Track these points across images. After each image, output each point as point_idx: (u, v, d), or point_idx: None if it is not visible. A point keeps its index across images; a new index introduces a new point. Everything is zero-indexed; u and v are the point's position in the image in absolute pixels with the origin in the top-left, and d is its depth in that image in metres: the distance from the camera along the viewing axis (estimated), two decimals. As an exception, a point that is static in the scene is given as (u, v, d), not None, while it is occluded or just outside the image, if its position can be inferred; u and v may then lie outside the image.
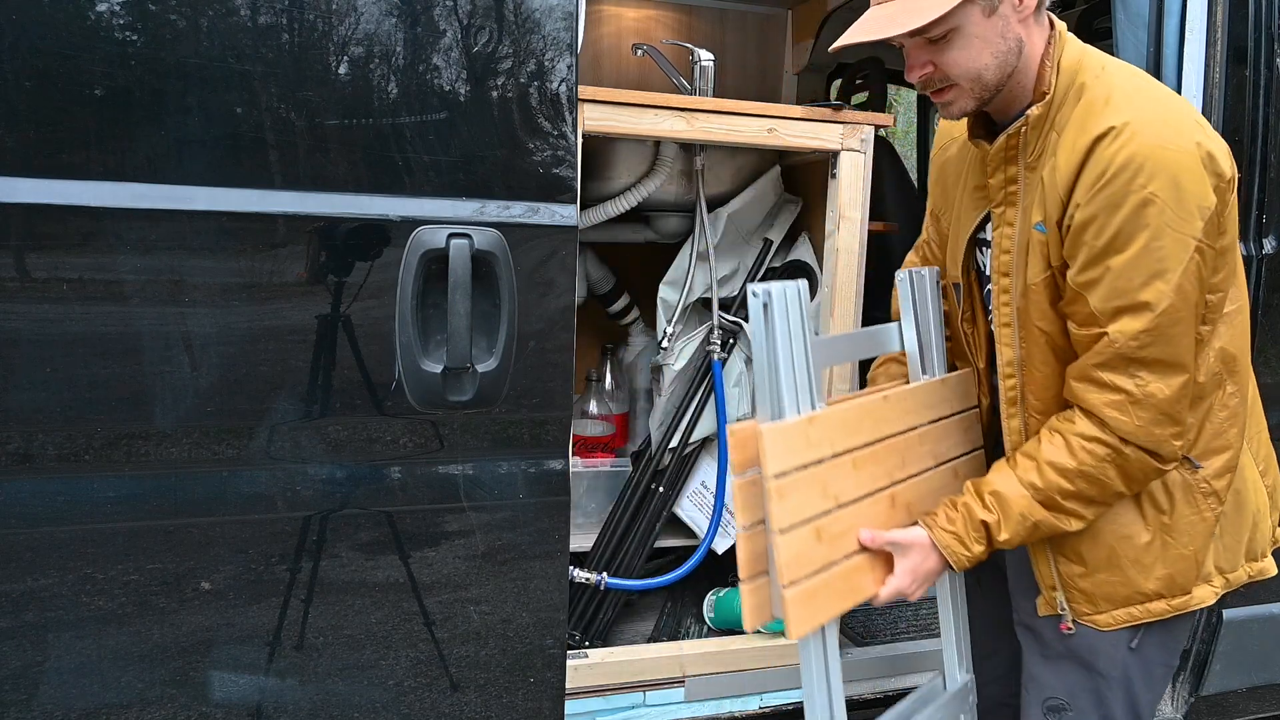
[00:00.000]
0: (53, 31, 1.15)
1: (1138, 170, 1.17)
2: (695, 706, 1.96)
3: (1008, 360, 1.38)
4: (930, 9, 1.19)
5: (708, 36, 3.11)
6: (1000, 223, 1.35)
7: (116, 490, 1.25)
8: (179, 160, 1.20)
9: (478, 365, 1.33)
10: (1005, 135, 1.30)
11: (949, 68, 1.26)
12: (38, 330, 1.18)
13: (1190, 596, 1.35)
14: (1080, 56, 1.28)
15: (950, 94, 1.29)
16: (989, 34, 1.24)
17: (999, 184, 1.34)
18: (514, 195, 1.33)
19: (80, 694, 1.26)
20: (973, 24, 1.23)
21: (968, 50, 1.24)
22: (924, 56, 1.26)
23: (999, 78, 1.27)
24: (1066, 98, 1.26)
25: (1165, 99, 1.26)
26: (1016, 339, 1.36)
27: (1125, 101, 1.22)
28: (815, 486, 1.24)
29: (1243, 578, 1.40)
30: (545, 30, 1.33)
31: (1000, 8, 1.23)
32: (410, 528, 1.38)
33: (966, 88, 1.27)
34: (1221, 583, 1.38)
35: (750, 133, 1.82)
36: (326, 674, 1.36)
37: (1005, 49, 1.25)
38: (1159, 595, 1.34)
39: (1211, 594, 1.36)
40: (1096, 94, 1.24)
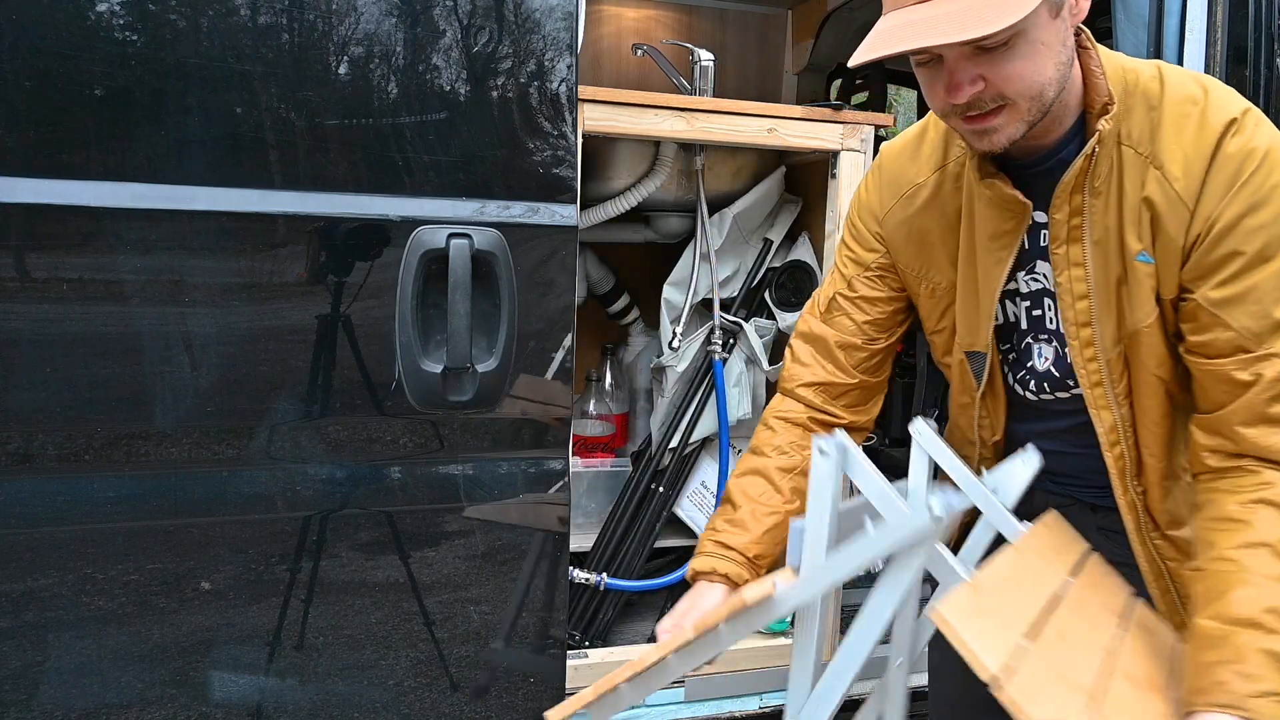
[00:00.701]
0: (53, 31, 1.15)
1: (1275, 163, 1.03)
2: (695, 706, 1.95)
3: (1109, 427, 1.17)
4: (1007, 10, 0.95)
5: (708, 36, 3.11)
6: (1065, 265, 1.14)
7: (116, 490, 1.25)
8: (179, 160, 1.20)
9: (478, 365, 1.33)
10: (1082, 158, 1.08)
11: (1007, 84, 1.01)
12: (38, 330, 1.18)
13: None
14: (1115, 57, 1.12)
15: (999, 118, 1.04)
16: (1052, 39, 1.01)
17: (1063, 219, 1.12)
18: (514, 195, 1.33)
19: (80, 694, 1.26)
20: (1039, 27, 0.99)
21: (1033, 60, 1.00)
22: (974, 70, 1.01)
23: (1058, 93, 1.05)
24: (1131, 105, 1.08)
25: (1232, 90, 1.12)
26: (1113, 399, 1.16)
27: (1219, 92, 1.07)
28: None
29: None
30: (545, 30, 1.33)
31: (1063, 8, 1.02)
32: (410, 528, 1.38)
33: (1024, 107, 1.03)
34: None
35: (750, 133, 1.82)
36: (326, 674, 1.36)
37: (1066, 59, 1.04)
38: None
39: None
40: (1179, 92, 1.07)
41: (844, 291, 1.34)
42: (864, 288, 1.33)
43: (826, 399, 1.35)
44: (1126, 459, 1.18)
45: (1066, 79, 1.06)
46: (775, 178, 2.12)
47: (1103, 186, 1.10)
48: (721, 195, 2.10)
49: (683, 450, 2.12)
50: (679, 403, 2.11)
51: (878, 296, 1.33)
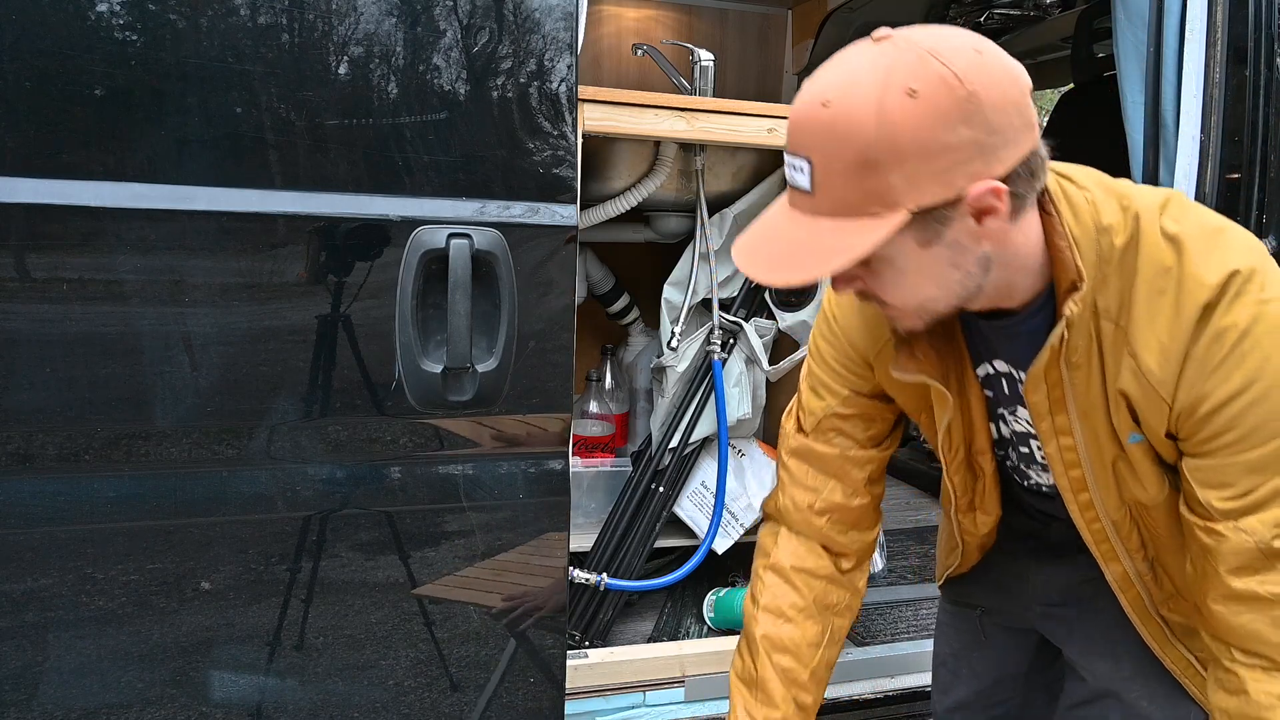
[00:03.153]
0: (53, 31, 1.15)
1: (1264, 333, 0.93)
2: (695, 706, 1.96)
3: (1118, 575, 1.15)
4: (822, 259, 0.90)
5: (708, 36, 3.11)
6: (1053, 433, 1.09)
7: (116, 490, 1.25)
8: (179, 160, 1.20)
9: (478, 365, 1.33)
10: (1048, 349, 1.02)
11: (880, 294, 0.99)
12: (38, 330, 1.18)
13: None
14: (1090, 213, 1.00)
15: (892, 314, 1.03)
16: (930, 266, 0.94)
17: (1042, 397, 1.07)
18: (514, 195, 1.33)
19: (80, 694, 1.26)
20: (904, 257, 0.93)
21: (901, 284, 0.97)
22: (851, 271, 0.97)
23: (956, 303, 1.00)
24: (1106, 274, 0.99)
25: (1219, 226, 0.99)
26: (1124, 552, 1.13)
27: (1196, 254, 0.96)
28: None
29: None
30: (545, 30, 1.33)
31: (947, 234, 0.92)
32: (410, 528, 1.38)
33: (910, 314, 1.01)
34: None
35: (750, 133, 1.82)
36: (326, 674, 1.36)
37: (960, 276, 0.96)
38: None
39: None
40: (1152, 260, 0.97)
41: (839, 410, 1.26)
42: (860, 406, 1.26)
43: (842, 528, 1.31)
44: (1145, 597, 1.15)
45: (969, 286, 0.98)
46: (775, 178, 2.12)
47: (1081, 360, 1.02)
48: (721, 195, 2.10)
49: (683, 450, 2.12)
50: (679, 403, 2.12)
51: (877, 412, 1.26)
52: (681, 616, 2.25)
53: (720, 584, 2.30)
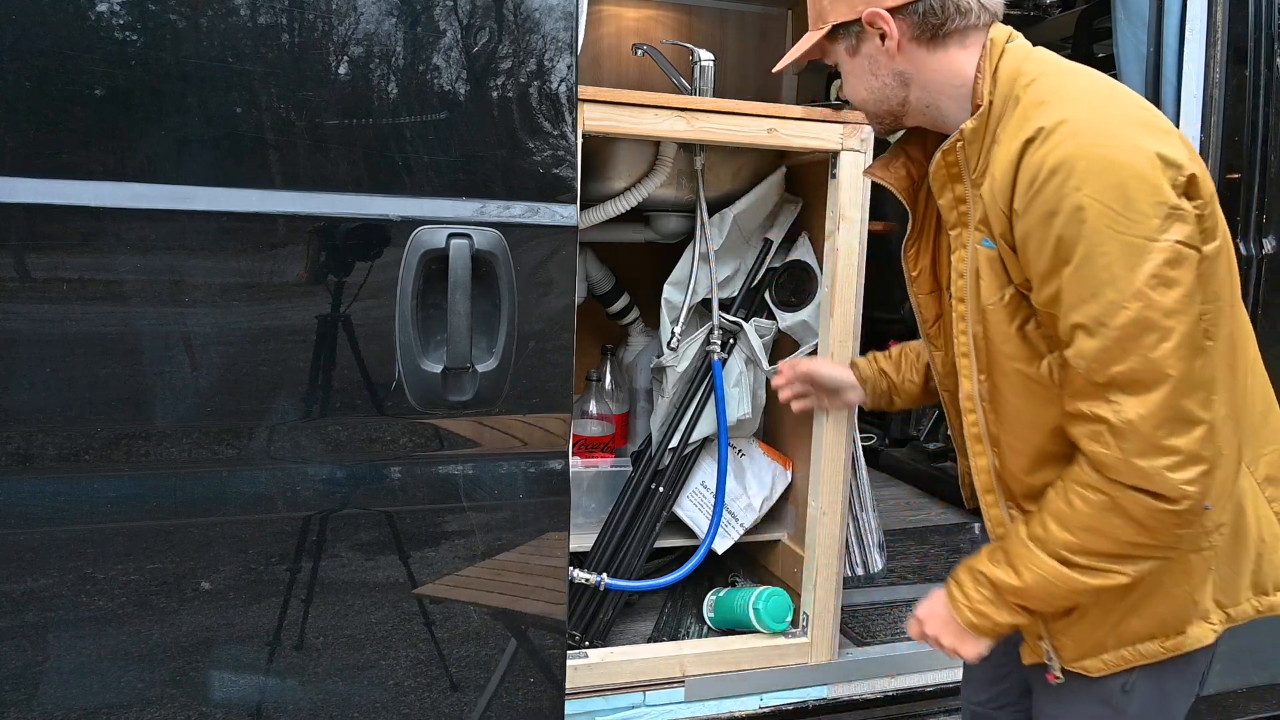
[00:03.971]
0: (53, 31, 1.15)
1: (1070, 172, 1.07)
2: (695, 706, 1.96)
3: (967, 394, 1.29)
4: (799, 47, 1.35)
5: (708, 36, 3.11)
6: (956, 245, 1.28)
7: (116, 490, 1.25)
8: (179, 160, 1.20)
9: (478, 365, 1.33)
10: (941, 152, 1.25)
11: (845, 95, 1.39)
12: (38, 330, 1.18)
13: (1184, 636, 1.24)
14: (1020, 63, 1.21)
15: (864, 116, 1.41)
16: (859, 71, 1.32)
17: (949, 204, 1.28)
18: (514, 195, 1.33)
19: (80, 694, 1.26)
20: (842, 61, 1.33)
21: (848, 82, 1.36)
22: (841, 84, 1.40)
23: (881, 108, 1.33)
24: (1006, 107, 1.19)
25: (1107, 97, 1.16)
26: (975, 370, 1.27)
27: (1059, 101, 1.14)
28: None
29: (1248, 612, 1.27)
30: (545, 30, 1.33)
31: (863, 48, 1.29)
32: (410, 528, 1.38)
33: (862, 113, 1.39)
34: (1221, 618, 1.26)
35: (750, 133, 1.82)
36: (326, 674, 1.36)
37: (878, 85, 1.30)
38: (1150, 636, 1.25)
39: (1210, 632, 1.25)
40: (1033, 97, 1.16)
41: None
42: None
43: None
44: (981, 428, 1.30)
45: (888, 99, 1.31)
46: (775, 178, 2.12)
47: (979, 179, 1.22)
48: (721, 195, 2.10)
49: (683, 450, 2.12)
50: (679, 403, 2.12)
51: None
52: (681, 616, 2.25)
53: (720, 584, 2.30)
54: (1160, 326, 1.07)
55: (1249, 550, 1.26)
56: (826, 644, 2.05)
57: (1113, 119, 1.12)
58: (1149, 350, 1.07)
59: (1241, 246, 1.95)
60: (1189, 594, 1.23)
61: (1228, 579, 1.25)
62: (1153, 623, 1.24)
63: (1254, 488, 1.27)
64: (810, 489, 2.05)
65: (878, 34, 1.26)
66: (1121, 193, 1.06)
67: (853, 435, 2.03)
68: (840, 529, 2.04)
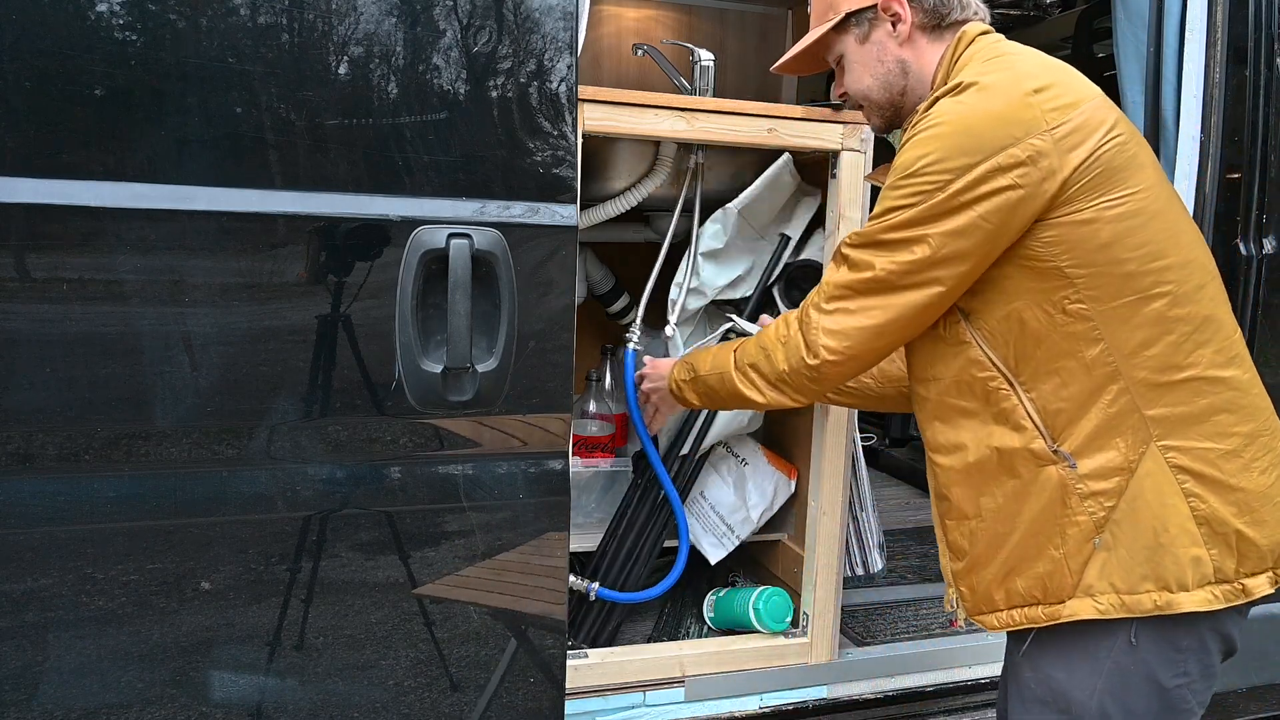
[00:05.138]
0: (53, 31, 1.15)
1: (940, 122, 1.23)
2: (695, 706, 1.96)
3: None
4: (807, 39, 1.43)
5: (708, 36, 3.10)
6: None
7: (116, 490, 1.25)
8: (179, 160, 1.20)
9: (478, 365, 1.33)
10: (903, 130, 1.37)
11: (845, 89, 1.46)
12: (38, 330, 1.18)
13: (1062, 606, 1.26)
14: (979, 49, 1.32)
15: (864, 112, 1.49)
16: (866, 59, 1.40)
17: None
18: (514, 195, 1.33)
19: (80, 694, 1.26)
20: (850, 51, 1.41)
21: (853, 74, 1.43)
22: (840, 80, 1.48)
23: (885, 96, 1.41)
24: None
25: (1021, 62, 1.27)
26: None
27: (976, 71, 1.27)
28: None
29: (1146, 605, 1.24)
30: (545, 30, 1.33)
31: (873, 35, 1.38)
32: (410, 528, 1.38)
33: (865, 107, 1.46)
34: (1113, 602, 1.24)
35: (750, 133, 1.82)
36: (326, 674, 1.36)
37: (884, 71, 1.39)
38: (1036, 600, 1.28)
39: (1092, 609, 1.25)
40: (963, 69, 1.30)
41: None
42: None
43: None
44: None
45: (893, 85, 1.40)
46: (781, 166, 2.00)
47: None
48: (722, 195, 2.09)
49: (694, 457, 2.09)
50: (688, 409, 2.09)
51: None
52: (681, 616, 2.25)
53: (720, 584, 2.30)
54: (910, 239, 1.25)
55: (1145, 536, 1.24)
56: (826, 644, 2.05)
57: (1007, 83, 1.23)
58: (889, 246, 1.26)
59: (1241, 246, 1.95)
60: (1066, 559, 1.26)
61: (1124, 561, 1.25)
62: (1034, 584, 1.29)
63: (1163, 472, 1.24)
64: (810, 489, 2.05)
65: (890, 19, 1.37)
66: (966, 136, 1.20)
67: (853, 435, 2.03)
68: (840, 529, 2.04)
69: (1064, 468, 1.25)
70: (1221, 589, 1.25)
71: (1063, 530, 1.26)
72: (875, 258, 1.28)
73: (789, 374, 1.38)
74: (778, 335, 1.39)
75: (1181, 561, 1.24)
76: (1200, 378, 1.24)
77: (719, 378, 1.50)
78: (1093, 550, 1.25)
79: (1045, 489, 1.26)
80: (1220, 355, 1.26)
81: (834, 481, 2.01)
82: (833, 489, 2.01)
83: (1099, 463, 1.24)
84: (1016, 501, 1.28)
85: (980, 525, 1.32)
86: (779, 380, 1.40)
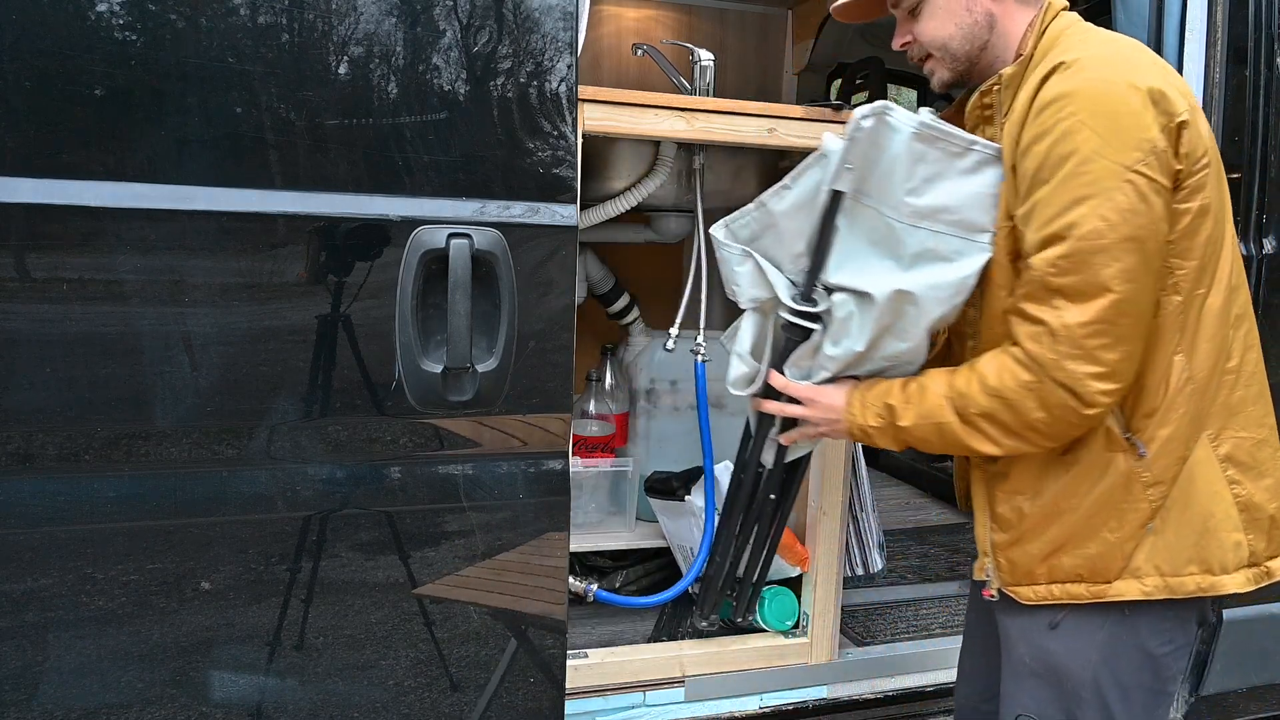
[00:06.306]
0: (53, 31, 1.15)
1: (1069, 99, 1.18)
2: (695, 706, 1.96)
3: (969, 319, 1.39)
4: None
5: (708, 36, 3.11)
6: None
7: (116, 490, 1.25)
8: (179, 160, 1.20)
9: (478, 365, 1.33)
10: (979, 93, 1.35)
11: (920, 37, 1.39)
12: (38, 330, 1.18)
13: (1109, 586, 1.29)
14: (1069, 25, 1.32)
15: (930, 64, 1.42)
16: (953, 6, 1.35)
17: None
18: (514, 195, 1.33)
19: (80, 694, 1.26)
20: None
21: (934, 20, 1.37)
22: (905, 29, 1.42)
23: (967, 48, 1.37)
24: (1044, 58, 1.28)
25: (1129, 47, 1.27)
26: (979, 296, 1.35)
27: (1080, 45, 1.26)
28: None
29: (1189, 586, 1.28)
30: (545, 30, 1.33)
31: None
32: (410, 528, 1.38)
33: (939, 57, 1.39)
34: (1157, 585, 1.28)
35: (750, 133, 1.82)
36: (326, 674, 1.36)
37: (971, 21, 1.35)
38: (1079, 577, 1.30)
39: (1138, 590, 1.28)
40: (1064, 46, 1.28)
41: None
42: None
43: None
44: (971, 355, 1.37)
45: (976, 38, 1.35)
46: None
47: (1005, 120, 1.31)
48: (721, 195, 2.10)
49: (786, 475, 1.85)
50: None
51: None
52: (681, 616, 2.25)
53: (720, 584, 2.29)
54: (1111, 251, 1.17)
55: (1194, 521, 1.28)
56: (826, 644, 2.06)
57: (1120, 60, 1.23)
58: (1102, 267, 1.17)
59: (1241, 246, 1.95)
60: (1120, 543, 1.28)
61: (1171, 546, 1.28)
62: (1082, 564, 1.30)
63: (1211, 461, 1.29)
64: (810, 489, 2.05)
65: None
66: (1110, 120, 1.17)
67: (853, 435, 2.02)
68: (840, 529, 2.04)
69: (1133, 455, 1.27)
70: (1253, 571, 1.31)
71: (1122, 515, 1.28)
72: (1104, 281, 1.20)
73: (1046, 422, 1.24)
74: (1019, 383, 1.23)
75: (1225, 546, 1.29)
76: (1240, 370, 1.30)
77: (934, 429, 1.30)
78: (1144, 535, 1.28)
79: (1110, 474, 1.28)
80: (1252, 350, 1.33)
81: (834, 482, 2.01)
82: (832, 489, 2.01)
83: (1163, 452, 1.27)
84: (1079, 482, 1.30)
85: (1035, 502, 1.33)
86: (1026, 429, 1.25)
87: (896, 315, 1.33)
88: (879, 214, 1.34)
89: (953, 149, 1.30)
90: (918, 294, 1.31)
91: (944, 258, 1.32)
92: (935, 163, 1.30)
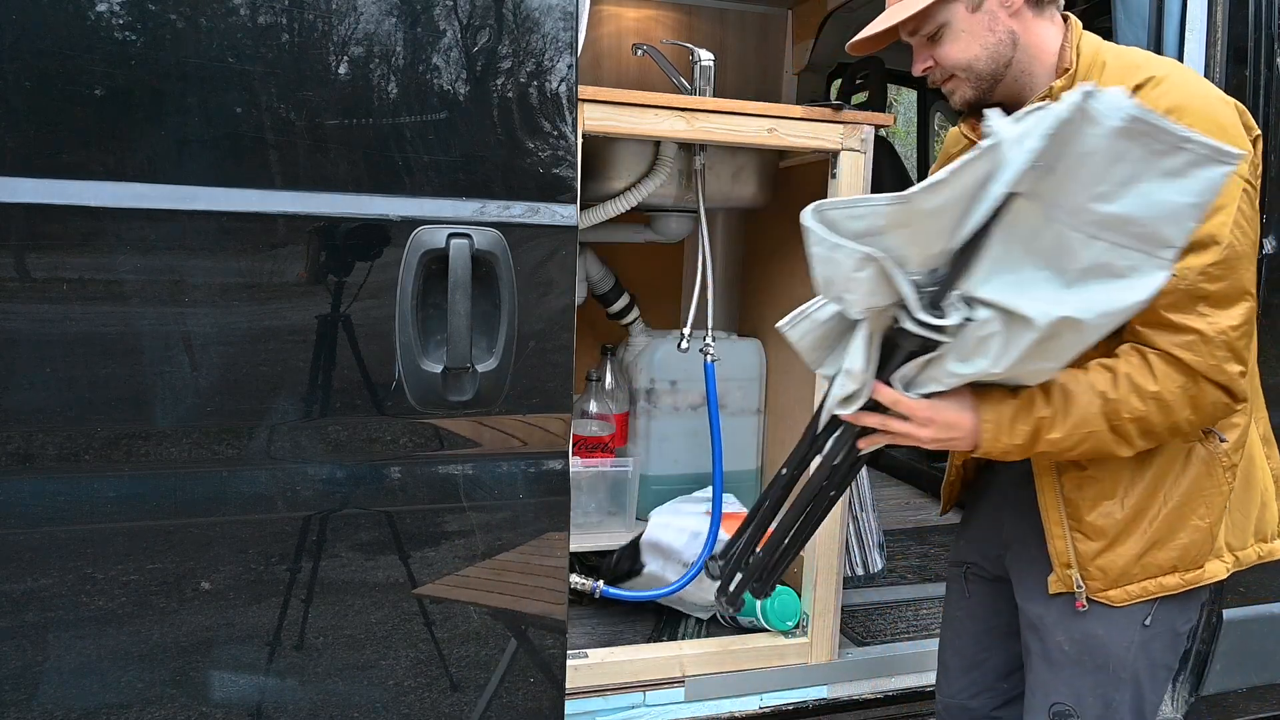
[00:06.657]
0: (53, 31, 1.15)
1: (1182, 113, 1.19)
2: (695, 706, 1.96)
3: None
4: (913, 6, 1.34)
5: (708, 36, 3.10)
6: None
7: (116, 490, 1.25)
8: (179, 160, 1.20)
9: (478, 365, 1.33)
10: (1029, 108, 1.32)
11: (943, 60, 1.38)
12: (38, 330, 1.18)
13: (1203, 570, 1.35)
14: (1099, 43, 1.37)
15: (951, 84, 1.41)
16: (976, 28, 1.35)
17: None
18: (514, 195, 1.33)
19: (80, 694, 1.26)
20: (959, 19, 1.35)
21: (957, 44, 1.36)
22: (925, 52, 1.40)
23: (992, 68, 1.36)
24: (1090, 72, 1.32)
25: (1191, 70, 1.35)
26: None
27: (1158, 63, 1.31)
28: None
29: (1252, 557, 1.40)
30: (545, 30, 1.33)
31: (985, 4, 1.34)
32: (410, 528, 1.38)
33: (962, 77, 1.38)
34: (1232, 560, 1.38)
35: (750, 133, 1.82)
36: (326, 674, 1.36)
37: (995, 40, 1.35)
38: (1173, 569, 1.34)
39: (1223, 569, 1.37)
40: (1125, 60, 1.32)
41: None
42: None
43: None
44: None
45: (1001, 57, 1.35)
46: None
47: None
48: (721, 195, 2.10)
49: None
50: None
51: None
52: (681, 616, 2.25)
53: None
54: (1247, 254, 1.23)
55: (1256, 496, 1.40)
56: (826, 644, 2.06)
57: (1203, 81, 1.31)
58: (1244, 271, 1.23)
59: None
60: (1210, 528, 1.34)
61: (1238, 523, 1.38)
62: (1176, 555, 1.34)
63: (1258, 443, 1.41)
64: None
65: None
66: (1224, 135, 1.19)
67: (853, 435, 2.02)
68: (840, 529, 2.04)
69: (1214, 443, 1.33)
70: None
71: (1209, 500, 1.34)
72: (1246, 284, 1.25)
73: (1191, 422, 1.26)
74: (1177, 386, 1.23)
75: (1274, 515, 1.43)
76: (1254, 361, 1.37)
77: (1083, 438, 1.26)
78: (1224, 515, 1.36)
79: (1193, 463, 1.33)
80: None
81: (834, 481, 2.01)
82: (833, 489, 2.01)
83: (1236, 436, 1.35)
84: (1163, 478, 1.33)
85: (1125, 504, 1.35)
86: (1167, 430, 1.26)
87: (1052, 340, 1.13)
88: (1048, 219, 1.10)
89: (1159, 145, 1.06)
90: (1087, 322, 1.11)
91: (1117, 274, 1.11)
92: (1136, 162, 1.07)
